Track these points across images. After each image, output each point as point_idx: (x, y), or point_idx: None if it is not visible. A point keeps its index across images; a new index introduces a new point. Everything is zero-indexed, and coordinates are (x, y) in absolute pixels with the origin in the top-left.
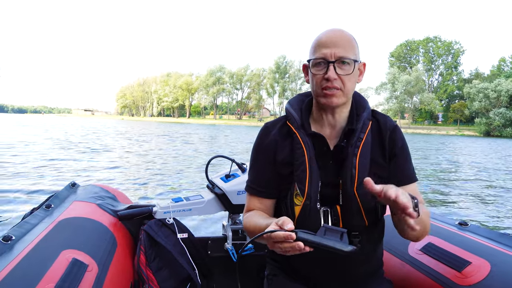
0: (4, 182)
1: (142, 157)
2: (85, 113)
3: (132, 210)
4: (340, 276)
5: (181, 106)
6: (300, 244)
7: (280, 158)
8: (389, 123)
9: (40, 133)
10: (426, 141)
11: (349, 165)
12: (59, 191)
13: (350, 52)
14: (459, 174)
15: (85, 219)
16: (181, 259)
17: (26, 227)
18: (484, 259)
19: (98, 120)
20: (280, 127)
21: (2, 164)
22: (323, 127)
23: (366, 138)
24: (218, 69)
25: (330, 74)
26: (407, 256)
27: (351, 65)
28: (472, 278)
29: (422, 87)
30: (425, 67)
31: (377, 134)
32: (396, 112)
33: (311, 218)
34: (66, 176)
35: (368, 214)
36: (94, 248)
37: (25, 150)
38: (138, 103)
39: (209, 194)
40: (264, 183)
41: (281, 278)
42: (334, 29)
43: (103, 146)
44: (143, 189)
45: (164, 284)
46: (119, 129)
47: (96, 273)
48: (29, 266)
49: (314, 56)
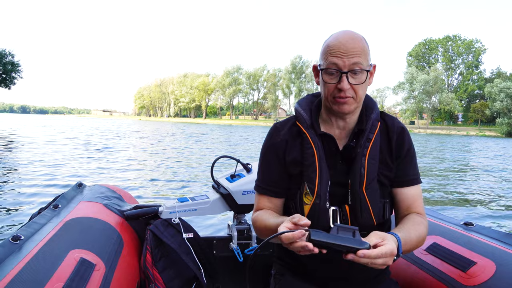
0: (13, 182)
1: (149, 157)
2: (104, 114)
3: (138, 210)
4: (346, 276)
5: (198, 106)
6: (309, 245)
7: (290, 158)
8: (397, 125)
9: (56, 133)
10: (441, 141)
11: (358, 165)
12: (66, 191)
13: (363, 59)
14: (468, 174)
15: (92, 219)
16: (187, 259)
17: (34, 227)
18: (489, 259)
19: (115, 121)
20: (289, 127)
21: (12, 164)
22: (332, 127)
23: (375, 139)
24: (235, 70)
25: (344, 85)
26: (412, 256)
27: (364, 74)
28: (477, 278)
29: (441, 87)
30: (444, 67)
31: (385, 135)
32: (414, 112)
33: (320, 217)
34: (73, 176)
35: (376, 213)
36: (101, 248)
37: (36, 152)
38: (155, 104)
39: (214, 194)
40: (274, 183)
41: (288, 277)
42: (346, 33)
43: (112, 147)
44: (149, 189)
45: (170, 283)
46: (133, 129)
47: (103, 273)
48: (38, 265)
49: (326, 64)
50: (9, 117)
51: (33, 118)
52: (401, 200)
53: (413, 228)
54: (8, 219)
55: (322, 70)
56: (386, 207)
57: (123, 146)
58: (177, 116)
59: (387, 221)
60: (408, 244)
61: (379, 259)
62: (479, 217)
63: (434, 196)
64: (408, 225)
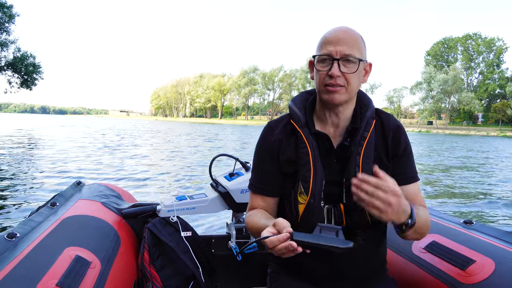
0: (11, 181)
1: (150, 156)
2: (121, 114)
3: (136, 209)
4: (343, 274)
5: (213, 107)
6: (292, 244)
7: (284, 157)
8: (393, 122)
9: (74, 133)
10: (452, 141)
11: (352, 164)
12: (64, 190)
13: (356, 50)
14: (473, 172)
15: (89, 217)
16: (185, 257)
17: (30, 224)
18: (488, 258)
19: (131, 121)
20: (284, 126)
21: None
22: (326, 125)
23: (370, 137)
24: (251, 70)
25: (334, 71)
26: (411, 254)
27: (356, 64)
28: (476, 276)
29: (460, 86)
30: (463, 66)
31: (381, 133)
32: (432, 112)
33: (315, 216)
34: (73, 175)
35: (370, 213)
36: (98, 246)
37: (44, 150)
38: (172, 104)
39: (212, 192)
40: (268, 182)
41: (284, 276)
42: (342, 27)
43: (117, 146)
44: (148, 187)
45: (167, 282)
46: (146, 129)
47: (99, 270)
48: (32, 262)
49: (320, 53)
50: (30, 118)
51: (53, 118)
52: None
53: (420, 208)
54: (8, 217)
55: (315, 58)
56: None
57: (128, 146)
58: (192, 116)
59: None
60: (419, 216)
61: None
62: (480, 215)
63: (435, 194)
64: (415, 206)
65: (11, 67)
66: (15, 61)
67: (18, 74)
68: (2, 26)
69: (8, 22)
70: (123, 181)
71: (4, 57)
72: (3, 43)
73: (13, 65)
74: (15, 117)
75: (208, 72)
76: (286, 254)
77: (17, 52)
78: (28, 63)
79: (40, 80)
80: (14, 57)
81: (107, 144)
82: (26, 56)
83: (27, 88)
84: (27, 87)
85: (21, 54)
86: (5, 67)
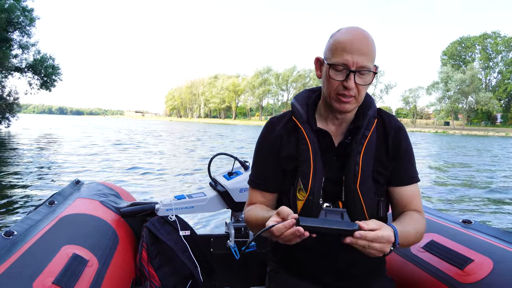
0: (13, 180)
1: (149, 155)
2: (136, 115)
3: (135, 207)
4: (341, 272)
5: (228, 107)
6: (299, 229)
7: (284, 153)
8: (394, 123)
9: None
10: (460, 142)
11: (352, 162)
12: (62, 188)
13: (370, 61)
14: (475, 172)
15: (88, 215)
16: (183, 256)
17: (28, 222)
18: (486, 257)
19: (146, 122)
20: (285, 122)
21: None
22: (328, 123)
23: (371, 136)
24: (265, 71)
25: (350, 84)
26: (409, 254)
27: (370, 75)
28: (474, 275)
29: (478, 86)
30: (481, 65)
31: (382, 133)
32: (448, 113)
33: (313, 213)
34: (72, 174)
35: (370, 211)
36: (95, 244)
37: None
38: (186, 105)
39: (211, 191)
40: (267, 177)
41: (283, 274)
42: (358, 31)
43: (120, 145)
44: (147, 187)
45: (165, 281)
46: (157, 130)
47: (96, 268)
48: (29, 260)
49: (335, 60)
50: (49, 118)
51: (71, 119)
52: (399, 199)
53: (410, 222)
54: (6, 215)
55: (330, 65)
56: (380, 205)
57: (132, 145)
58: (207, 117)
59: (382, 219)
60: (405, 237)
61: (376, 243)
62: (479, 215)
63: (434, 194)
64: (405, 220)
65: (31, 69)
66: (35, 63)
67: (38, 75)
68: (24, 30)
69: (29, 25)
70: (122, 180)
71: (25, 59)
72: (25, 46)
73: (33, 67)
74: (35, 118)
75: (222, 73)
76: (293, 240)
77: (37, 54)
78: (48, 65)
79: (59, 81)
80: (34, 59)
81: (117, 143)
82: (45, 58)
83: (47, 89)
84: (47, 88)
85: (40, 56)
86: (25, 69)
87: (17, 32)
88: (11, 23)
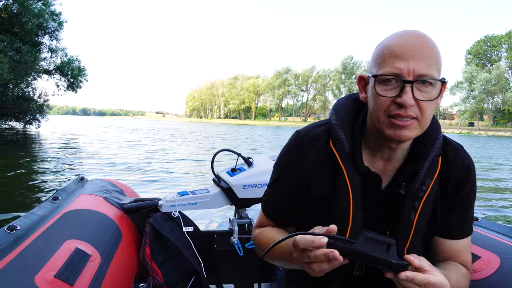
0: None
1: (154, 152)
2: (157, 116)
3: (138, 203)
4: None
5: (247, 108)
6: (335, 252)
7: (315, 192)
8: (460, 162)
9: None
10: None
11: (404, 220)
12: (66, 185)
13: (435, 68)
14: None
15: (91, 211)
16: (187, 253)
17: (31, 218)
18: (494, 254)
19: (167, 122)
20: (320, 148)
21: None
22: (375, 158)
23: (432, 187)
24: (284, 71)
25: (406, 99)
26: None
27: (435, 87)
28: (481, 272)
29: (504, 86)
30: (508, 64)
31: (443, 176)
32: (473, 113)
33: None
34: (77, 171)
35: None
36: (98, 239)
37: None
38: (206, 106)
39: (215, 188)
40: (285, 211)
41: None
42: (413, 33)
43: (128, 143)
44: (151, 183)
45: (169, 277)
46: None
47: (98, 263)
48: (31, 254)
49: (383, 70)
50: (74, 119)
51: (95, 119)
52: (444, 250)
53: (455, 276)
54: (10, 211)
55: (375, 77)
56: None
57: (139, 145)
58: (227, 118)
59: None
60: None
61: None
62: (486, 211)
63: None
64: (451, 272)
65: (58, 71)
66: (62, 65)
67: (65, 77)
68: (52, 34)
69: (58, 29)
70: (126, 177)
71: (53, 62)
72: (53, 50)
73: (61, 69)
74: (60, 118)
75: (242, 74)
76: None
77: (64, 57)
78: (74, 67)
79: (84, 82)
80: (61, 61)
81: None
82: (72, 60)
83: (73, 91)
84: (73, 90)
85: (67, 58)
86: (53, 71)
87: (47, 37)
88: (41, 27)
